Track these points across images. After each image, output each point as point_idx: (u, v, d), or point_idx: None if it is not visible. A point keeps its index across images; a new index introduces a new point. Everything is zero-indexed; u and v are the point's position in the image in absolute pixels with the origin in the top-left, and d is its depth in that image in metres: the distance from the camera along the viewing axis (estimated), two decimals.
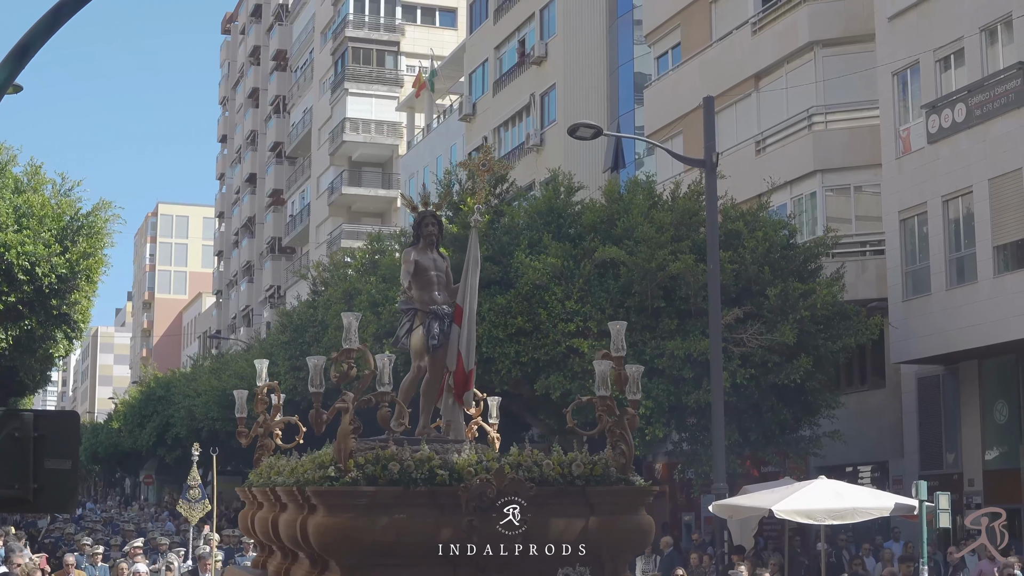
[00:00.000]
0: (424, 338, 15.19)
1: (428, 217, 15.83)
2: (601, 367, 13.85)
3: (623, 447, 13.69)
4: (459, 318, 15.28)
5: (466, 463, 12.99)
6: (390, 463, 12.80)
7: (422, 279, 15.38)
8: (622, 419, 13.75)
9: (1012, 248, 32.09)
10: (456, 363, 15.14)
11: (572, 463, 13.34)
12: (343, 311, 13.83)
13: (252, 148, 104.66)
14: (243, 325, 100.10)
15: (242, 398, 17.21)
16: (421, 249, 15.66)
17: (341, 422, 13.06)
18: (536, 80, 55.30)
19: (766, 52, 40.47)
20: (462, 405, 15.40)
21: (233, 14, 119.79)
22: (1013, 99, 31.74)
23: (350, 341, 13.47)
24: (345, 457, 12.87)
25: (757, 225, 32.44)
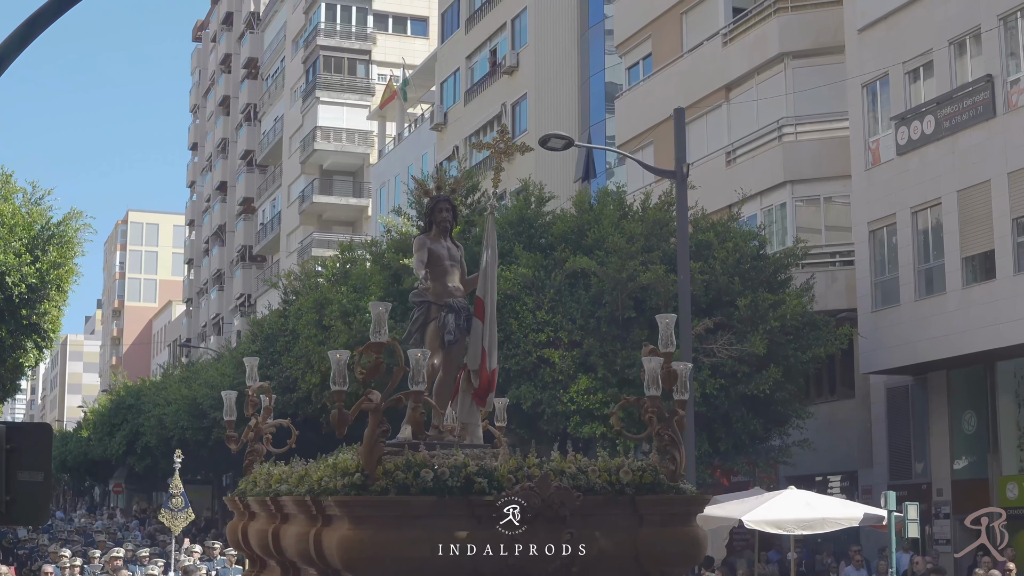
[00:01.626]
0: (439, 333, 14.03)
1: (442, 202, 14.82)
2: (651, 364, 12.68)
3: (675, 453, 12.69)
4: (481, 311, 14.21)
5: (507, 470, 11.90)
6: (423, 470, 11.71)
7: (436, 269, 14.30)
8: (672, 422, 12.72)
9: (980, 260, 32.29)
10: (480, 361, 14.08)
11: (620, 470, 12.32)
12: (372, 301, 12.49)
13: (223, 156, 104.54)
14: (213, 334, 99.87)
15: (231, 399, 15.99)
16: (434, 236, 14.61)
17: (368, 424, 11.92)
18: (507, 90, 55.41)
19: (736, 63, 40.66)
20: (482, 407, 14.37)
21: (204, 22, 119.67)
22: (981, 111, 31.97)
23: (379, 334, 12.14)
24: (373, 463, 11.72)
25: (727, 236, 32.57)
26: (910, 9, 34.53)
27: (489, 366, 14.04)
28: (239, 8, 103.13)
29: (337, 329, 34.16)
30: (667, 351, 12.78)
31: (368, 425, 11.85)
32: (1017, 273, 30.87)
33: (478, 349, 14.02)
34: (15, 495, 9.37)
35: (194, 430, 53.71)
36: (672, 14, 44.31)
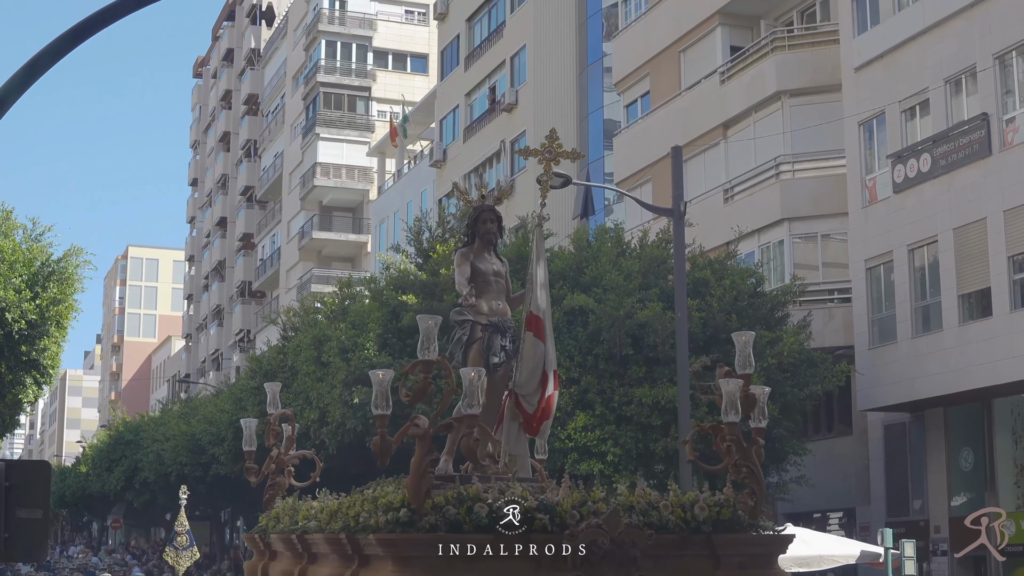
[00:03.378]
0: (483, 355, 12.86)
1: (486, 212, 13.59)
2: (729, 387, 11.68)
3: (754, 486, 11.64)
4: (539, 329, 13.10)
5: (570, 505, 10.76)
6: (476, 504, 10.54)
7: (479, 286, 13.18)
8: (751, 452, 11.68)
9: (977, 297, 32.39)
10: (535, 385, 13.02)
11: (695, 505, 11.25)
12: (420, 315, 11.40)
13: (223, 192, 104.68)
14: (212, 369, 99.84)
15: (251, 428, 14.73)
16: (477, 250, 13.50)
17: (415, 453, 10.78)
18: (506, 127, 55.59)
19: (734, 101, 40.83)
20: (535, 436, 13.30)
21: (205, 58, 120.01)
22: (977, 149, 32.12)
23: (428, 350, 11.07)
24: (421, 497, 10.55)
25: (725, 273, 32.66)
26: (906, 48, 34.72)
27: (547, 391, 13.07)
28: (240, 45, 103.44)
29: (335, 366, 34.22)
30: (746, 372, 11.91)
31: (415, 454, 10.76)
32: (1014, 310, 30.96)
33: (535, 373, 13.03)
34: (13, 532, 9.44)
35: (192, 466, 53.70)
36: (670, 52, 44.50)
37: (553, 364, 13.19)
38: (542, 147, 13.69)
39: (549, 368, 13.06)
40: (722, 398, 11.57)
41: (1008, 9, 31.67)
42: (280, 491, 14.21)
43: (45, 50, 10.55)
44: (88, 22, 10.37)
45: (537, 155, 13.69)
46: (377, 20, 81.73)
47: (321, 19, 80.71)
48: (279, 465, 14.33)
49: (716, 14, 42.22)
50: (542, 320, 13.12)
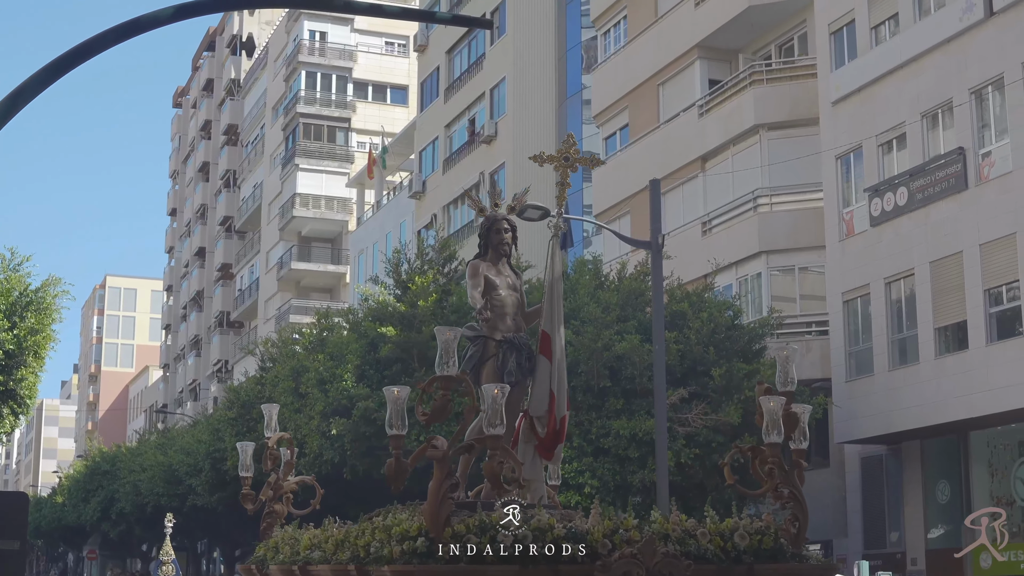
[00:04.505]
0: (497, 373, 12.12)
1: (500, 222, 12.98)
2: (771, 405, 10.89)
3: (797, 512, 10.94)
4: (547, 349, 12.44)
5: (601, 533, 10.15)
6: (500, 533, 9.89)
7: (492, 300, 12.54)
8: (793, 475, 10.94)
9: (953, 330, 32.55)
10: (547, 408, 12.25)
11: (734, 533, 10.65)
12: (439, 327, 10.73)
13: (202, 222, 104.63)
14: (190, 399, 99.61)
15: (247, 452, 14.10)
16: (490, 262, 12.85)
17: (433, 477, 10.11)
18: (486, 159, 55.71)
19: (712, 134, 41.01)
20: (548, 460, 12.54)
21: (185, 88, 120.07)
22: (953, 183, 32.31)
23: (447, 365, 10.33)
24: (440, 525, 9.87)
25: (702, 306, 32.75)
26: (883, 83, 34.94)
27: (558, 413, 12.28)
28: (219, 75, 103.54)
29: (313, 397, 34.20)
30: (787, 390, 11.15)
31: (433, 478, 10.06)
32: (990, 343, 31.12)
33: (545, 393, 12.30)
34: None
35: (169, 496, 53.51)
36: (649, 85, 44.70)
37: (561, 384, 12.39)
38: (559, 152, 13.17)
39: (556, 388, 12.32)
40: (762, 417, 10.87)
41: (984, 44, 31.92)
42: (279, 519, 13.54)
43: (27, 83, 10.59)
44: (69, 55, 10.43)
45: (554, 161, 13.18)
46: (357, 51, 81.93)
47: (301, 50, 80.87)
48: (277, 492, 13.66)
49: (695, 48, 42.44)
50: (550, 337, 12.51)
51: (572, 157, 13.05)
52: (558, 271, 12.78)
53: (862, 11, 35.97)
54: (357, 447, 32.36)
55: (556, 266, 12.75)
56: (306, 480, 14.00)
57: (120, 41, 10.35)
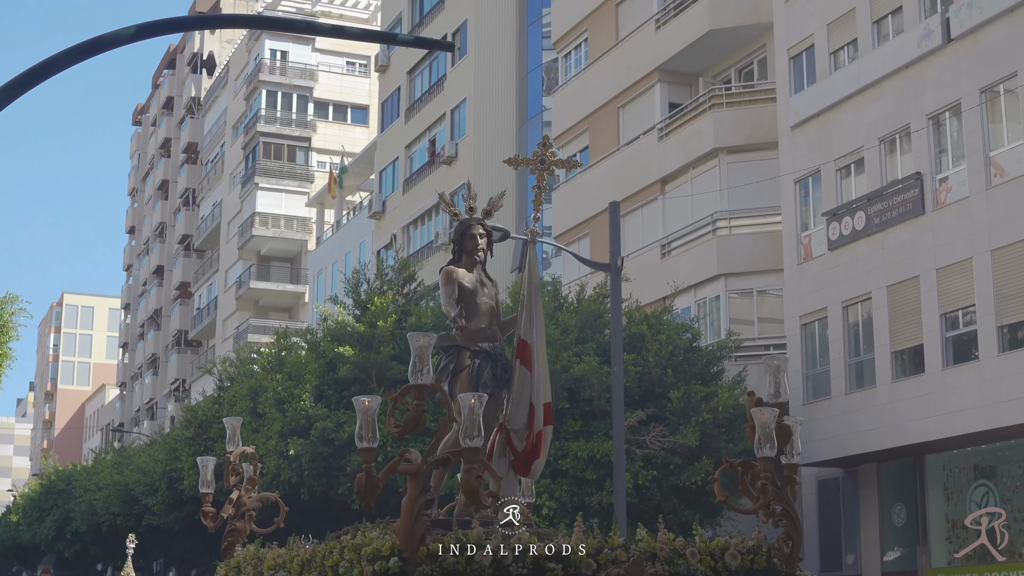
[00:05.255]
0: (472, 384, 11.57)
1: (474, 226, 12.57)
2: (763, 417, 10.53)
3: (791, 530, 10.46)
4: (527, 359, 11.78)
5: (585, 553, 9.67)
6: (478, 552, 9.40)
7: (467, 307, 11.98)
8: (786, 491, 10.49)
9: (909, 354, 32.73)
10: (527, 421, 11.65)
11: (725, 553, 10.28)
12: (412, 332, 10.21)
13: (160, 240, 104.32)
14: (147, 418, 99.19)
15: (208, 467, 13.47)
16: (464, 268, 12.36)
17: (407, 492, 9.60)
18: (446, 179, 55.75)
19: (672, 157, 41.16)
20: (525, 476, 11.92)
21: (144, 106, 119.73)
22: (911, 208, 32.53)
23: (421, 373, 9.80)
24: (415, 543, 9.33)
25: (661, 328, 32.87)
26: (842, 107, 35.16)
27: (536, 426, 11.65)
28: (180, 93, 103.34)
29: (271, 417, 34.13)
30: (780, 402, 10.76)
31: (407, 494, 9.55)
32: (946, 367, 31.30)
33: (524, 405, 11.68)
34: None
35: (125, 516, 53.25)
36: (609, 108, 44.86)
37: (545, 396, 11.79)
38: (534, 155, 12.56)
39: (537, 400, 11.68)
40: (754, 430, 10.42)
41: (942, 71, 32.17)
42: (241, 537, 12.86)
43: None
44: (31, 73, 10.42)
45: (529, 164, 12.63)
46: (318, 71, 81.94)
47: (262, 69, 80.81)
48: (239, 509, 12.93)
49: (655, 71, 42.63)
50: (530, 346, 11.84)
51: (548, 160, 12.52)
52: (536, 277, 12.28)
53: (821, 36, 36.21)
54: (315, 467, 32.32)
55: (533, 272, 12.28)
56: (269, 497, 13.43)
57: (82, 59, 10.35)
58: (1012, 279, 29.95)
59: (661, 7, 42.81)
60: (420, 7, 61.50)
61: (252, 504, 12.95)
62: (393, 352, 32.46)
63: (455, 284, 12.08)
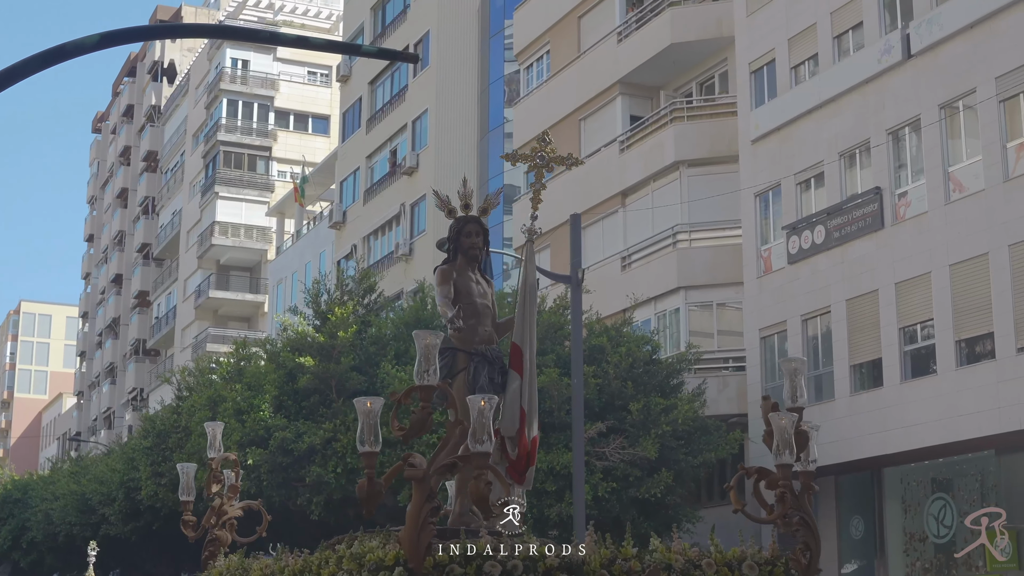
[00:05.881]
0: (469, 388, 11.08)
1: (470, 224, 12.04)
2: (781, 422, 10.10)
3: (808, 540, 10.15)
4: (518, 363, 11.37)
5: (598, 563, 9.30)
6: (487, 563, 8.97)
7: (463, 308, 11.53)
8: (803, 500, 10.19)
9: (868, 367, 32.89)
10: (518, 427, 11.26)
11: (742, 564, 10.00)
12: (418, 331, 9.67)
13: (119, 249, 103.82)
14: (104, 428, 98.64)
15: (190, 474, 12.97)
16: (459, 268, 11.87)
17: (412, 499, 9.18)
18: (407, 190, 55.74)
19: (633, 170, 41.26)
20: (520, 484, 11.29)
21: (104, 113, 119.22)
22: (870, 222, 32.71)
23: (428, 374, 9.32)
24: (421, 554, 8.89)
25: (621, 340, 32.92)
26: (802, 122, 35.33)
27: (529, 433, 11.27)
28: (140, 101, 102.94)
29: (230, 427, 33.97)
30: (798, 406, 10.35)
31: (412, 500, 9.13)
32: (904, 381, 31.47)
33: (516, 411, 11.28)
34: None
35: (82, 526, 52.94)
36: (571, 120, 44.92)
37: (531, 401, 11.41)
38: (533, 151, 12.01)
39: (528, 406, 11.33)
40: (772, 436, 9.98)
41: (902, 86, 32.38)
42: (222, 548, 12.41)
43: None
44: None
45: (527, 160, 12.10)
46: (279, 80, 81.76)
47: (223, 78, 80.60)
48: (220, 518, 12.48)
49: (616, 84, 42.73)
50: (522, 350, 11.40)
51: (548, 156, 11.96)
52: (532, 279, 11.81)
53: (782, 51, 36.39)
54: (273, 478, 32.21)
55: (530, 274, 11.78)
56: (252, 505, 12.89)
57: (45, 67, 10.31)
58: (970, 294, 30.14)
59: (623, 20, 42.94)
60: (382, 18, 61.49)
61: (234, 512, 12.49)
62: (353, 363, 32.41)
63: (450, 284, 11.66)
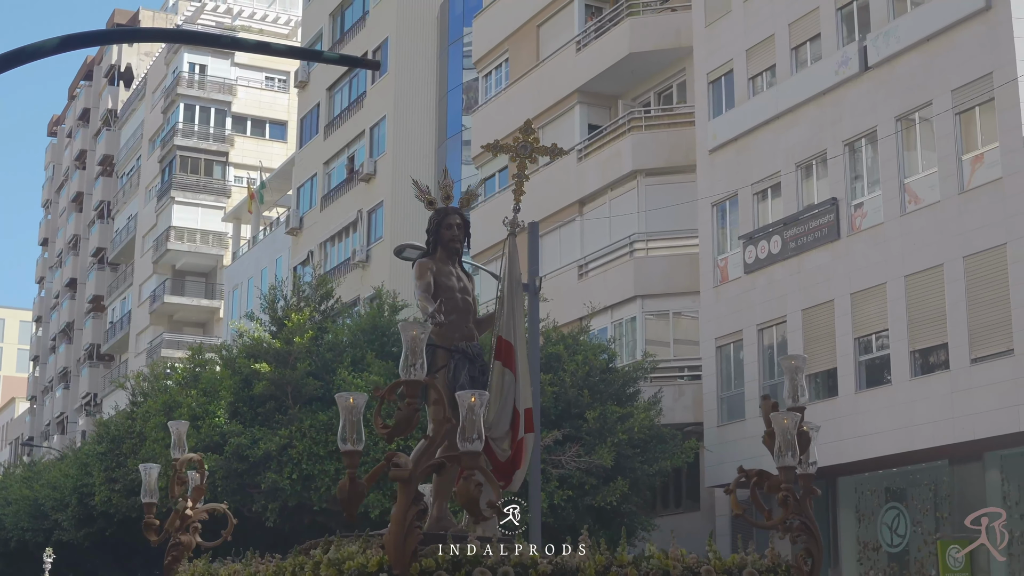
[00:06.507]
0: (449, 386, 10.58)
1: (451, 216, 11.67)
2: (783, 422, 9.66)
3: (811, 546, 9.74)
4: (510, 360, 10.88)
5: (593, 570, 8.99)
6: (476, 570, 8.60)
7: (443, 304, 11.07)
8: (804, 504, 9.80)
9: (823, 377, 33.02)
10: (509, 428, 10.82)
11: (742, 571, 9.75)
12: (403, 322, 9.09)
13: (74, 253, 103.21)
14: (57, 433, 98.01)
15: (152, 475, 12.39)
16: (439, 261, 11.50)
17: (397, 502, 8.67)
18: (364, 197, 55.64)
19: (591, 179, 41.32)
20: (507, 487, 10.69)
21: (60, 117, 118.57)
22: (826, 233, 32.86)
23: (414, 368, 8.69)
24: (406, 559, 8.40)
25: (578, 348, 32.95)
26: (759, 132, 35.48)
27: (518, 433, 10.79)
28: (96, 105, 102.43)
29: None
30: (799, 406, 9.91)
31: (397, 502, 8.61)
32: (859, 391, 31.62)
33: (508, 410, 10.83)
34: None
35: (34, 531, 52.57)
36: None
37: (527, 400, 11.00)
38: (515, 141, 11.65)
39: (521, 405, 10.87)
40: (773, 437, 9.59)
41: (858, 98, 32.55)
42: (186, 553, 11.89)
43: None
44: None
45: (509, 151, 11.77)
46: (237, 85, 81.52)
47: (180, 82, 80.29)
48: (184, 522, 11.90)
49: (575, 92, 42.79)
50: (513, 346, 10.92)
51: (531, 146, 11.55)
52: (516, 273, 11.38)
53: (740, 62, 36.54)
54: (228, 484, 32.06)
55: (514, 267, 11.35)
56: (218, 508, 12.45)
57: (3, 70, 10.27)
58: (925, 304, 30.32)
59: (582, 29, 43.01)
60: (341, 24, 61.41)
61: (199, 515, 11.99)
62: (309, 368, 32.31)
63: (430, 278, 11.23)
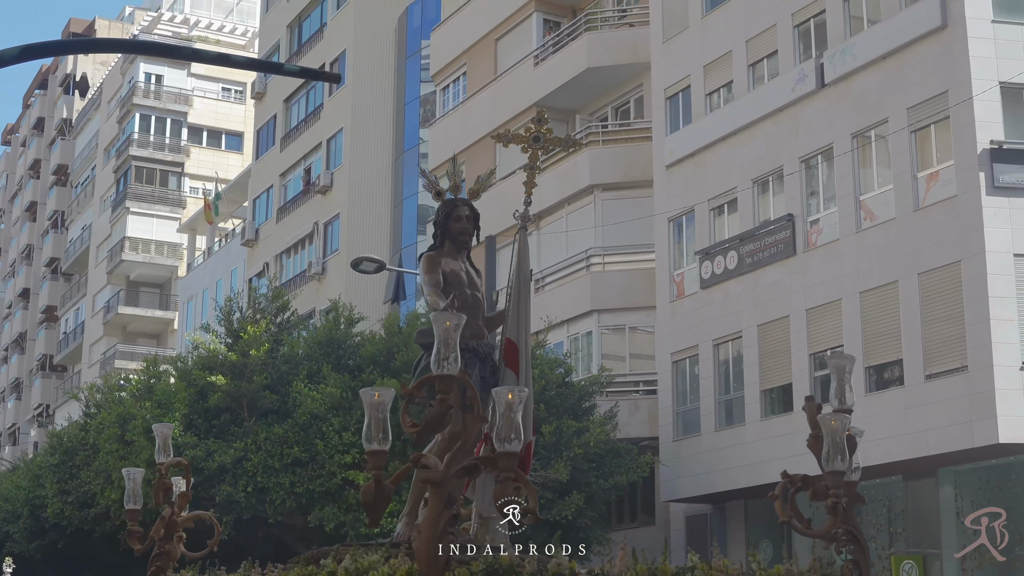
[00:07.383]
0: None
1: (460, 207, 11.25)
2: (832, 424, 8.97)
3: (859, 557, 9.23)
4: (514, 361, 10.51)
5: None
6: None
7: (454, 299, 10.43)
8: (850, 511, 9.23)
9: (778, 392, 33.14)
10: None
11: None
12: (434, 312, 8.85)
13: (27, 262, 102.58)
14: (9, 444, 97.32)
15: (137, 480, 11.73)
16: (447, 254, 11.09)
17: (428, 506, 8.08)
18: (321, 209, 55.53)
19: (547, 193, 41.27)
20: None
21: (14, 126, 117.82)
22: (782, 249, 33.00)
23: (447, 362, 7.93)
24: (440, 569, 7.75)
25: (533, 363, 32.86)
26: (716, 148, 35.60)
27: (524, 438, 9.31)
28: (51, 114, 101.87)
29: (140, 444, 33.64)
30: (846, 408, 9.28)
31: (429, 508, 8.00)
32: None
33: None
34: None
35: None
36: (486, 141, 44.86)
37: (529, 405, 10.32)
38: (527, 131, 11.09)
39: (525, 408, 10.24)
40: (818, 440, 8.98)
41: (814, 115, 32.72)
42: (171, 562, 11.37)
43: None
44: None
45: (522, 142, 11.21)
46: (193, 96, 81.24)
47: (136, 92, 79.96)
48: (169, 530, 11.33)
49: (532, 106, 42.72)
50: (516, 346, 10.56)
51: (544, 137, 10.89)
52: (526, 269, 10.92)
53: (697, 78, 36.66)
54: None
55: (523, 265, 10.94)
56: (204, 516, 12.00)
57: None
58: (880, 321, 30.47)
59: (540, 43, 43.07)
60: (299, 36, 61.32)
61: (185, 523, 11.46)
62: (265, 381, 32.20)
63: (439, 272, 10.73)
